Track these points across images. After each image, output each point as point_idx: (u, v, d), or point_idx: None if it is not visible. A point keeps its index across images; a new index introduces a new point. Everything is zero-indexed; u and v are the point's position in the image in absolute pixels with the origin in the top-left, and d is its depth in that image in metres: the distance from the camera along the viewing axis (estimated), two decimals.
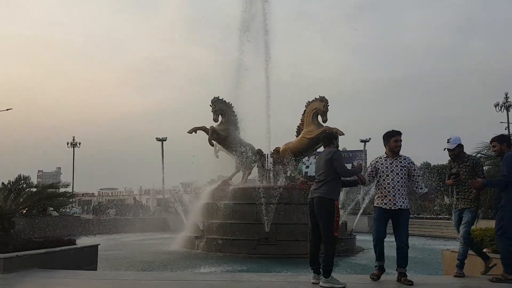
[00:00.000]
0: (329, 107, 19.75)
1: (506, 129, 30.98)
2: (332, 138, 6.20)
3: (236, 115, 21.66)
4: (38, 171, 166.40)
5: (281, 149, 20.89)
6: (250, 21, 22.28)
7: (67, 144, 47.89)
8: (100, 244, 9.81)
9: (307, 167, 44.22)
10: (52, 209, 30.86)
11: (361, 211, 28.10)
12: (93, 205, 59.94)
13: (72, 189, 37.28)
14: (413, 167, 6.17)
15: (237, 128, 21.69)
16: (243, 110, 21.48)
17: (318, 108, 19.78)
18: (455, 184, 6.46)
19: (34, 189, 9.60)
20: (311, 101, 20.31)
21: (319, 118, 19.92)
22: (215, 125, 21.03)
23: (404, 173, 6.06)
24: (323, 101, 19.77)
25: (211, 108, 21.10)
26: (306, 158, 33.50)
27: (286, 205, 17.46)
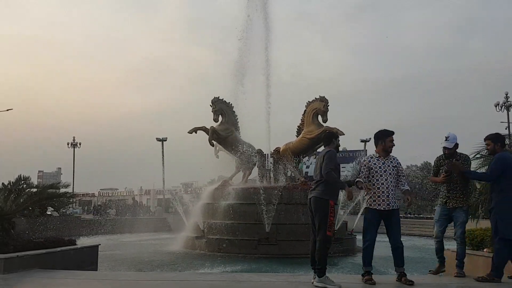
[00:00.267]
0: (329, 107, 19.77)
1: (506, 129, 30.97)
2: (332, 137, 6.16)
3: (236, 115, 21.67)
4: (38, 171, 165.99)
5: (281, 149, 20.90)
6: (250, 22, 22.31)
7: (67, 144, 47.92)
8: (100, 244, 9.81)
9: (308, 167, 44.17)
10: (52, 209, 30.91)
11: (361, 211, 28.04)
12: (94, 205, 59.98)
13: (72, 190, 37.31)
14: (401, 167, 6.22)
15: (237, 128, 21.70)
16: (244, 110, 21.51)
17: (318, 108, 19.80)
18: (445, 181, 6.40)
19: (34, 190, 9.58)
20: (311, 101, 20.33)
21: (319, 118, 19.94)
22: (215, 125, 21.03)
23: (395, 173, 6.07)
24: (323, 101, 19.79)
25: (211, 108, 21.11)
26: (306, 158, 33.42)
27: (286, 205, 17.47)
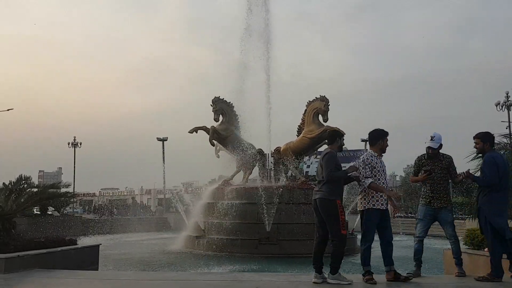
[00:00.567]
0: (329, 107, 19.76)
1: (507, 128, 30.95)
2: (335, 136, 6.11)
3: (237, 115, 21.65)
4: (39, 171, 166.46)
5: (282, 149, 20.88)
6: (250, 21, 22.31)
7: (68, 144, 47.88)
8: (101, 244, 9.81)
9: (308, 166, 44.20)
10: (53, 209, 30.96)
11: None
12: (94, 204, 60.05)
13: (73, 189, 37.19)
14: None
15: (238, 127, 21.67)
16: (244, 110, 21.49)
17: (318, 107, 19.78)
18: (426, 180, 6.37)
19: (35, 189, 9.59)
20: (311, 100, 20.31)
21: (320, 117, 19.92)
22: (216, 124, 21.03)
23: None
24: (324, 100, 19.77)
25: (211, 107, 21.10)
26: (307, 157, 33.46)
27: (287, 205, 17.45)
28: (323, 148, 22.83)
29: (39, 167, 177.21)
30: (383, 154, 6.14)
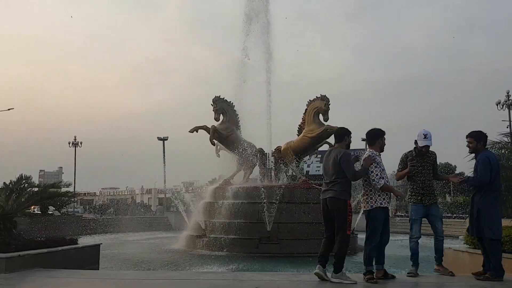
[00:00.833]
0: (330, 106, 19.75)
1: (508, 127, 30.97)
2: (344, 134, 6.06)
3: (237, 114, 21.65)
4: (39, 170, 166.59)
5: (282, 148, 20.88)
6: (251, 21, 22.31)
7: (69, 143, 47.94)
8: (102, 243, 9.82)
9: (309, 166, 44.20)
10: (54, 208, 31.01)
11: (362, 210, 28.02)
12: (94, 204, 60.09)
13: (74, 189, 37.33)
14: None
15: (238, 127, 21.68)
16: (245, 109, 21.50)
17: (319, 107, 19.78)
18: (414, 175, 6.29)
19: (35, 189, 9.59)
20: (312, 100, 20.31)
21: (321, 117, 19.91)
22: (216, 124, 21.02)
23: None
24: (324, 99, 19.76)
25: (212, 107, 21.09)
26: (307, 157, 33.44)
27: (287, 204, 17.46)
28: (324, 147, 22.90)
29: (40, 166, 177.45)
30: (381, 153, 6.15)
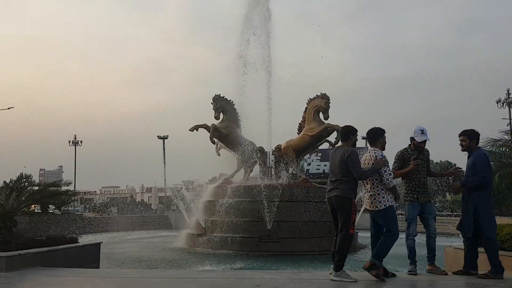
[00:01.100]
0: (330, 104, 19.71)
1: (508, 125, 31.00)
2: (350, 133, 6.04)
3: (237, 113, 21.61)
4: (40, 169, 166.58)
5: (282, 147, 20.86)
6: (251, 21, 22.27)
7: (69, 142, 47.94)
8: (102, 242, 9.82)
9: (309, 164, 44.22)
10: (54, 207, 31.00)
11: (363, 207, 28.04)
12: (94, 203, 60.07)
13: (74, 188, 37.36)
14: None
15: (238, 125, 21.64)
16: (245, 108, 21.45)
17: (319, 105, 19.73)
18: (413, 173, 6.27)
19: (36, 188, 9.58)
20: (312, 98, 20.26)
21: (321, 115, 19.88)
22: (216, 122, 20.98)
23: None
24: (325, 98, 19.70)
25: (212, 106, 21.05)
26: (307, 155, 33.43)
27: (288, 203, 17.44)
28: (324, 146, 22.89)
29: (40, 165, 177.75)
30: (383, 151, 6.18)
